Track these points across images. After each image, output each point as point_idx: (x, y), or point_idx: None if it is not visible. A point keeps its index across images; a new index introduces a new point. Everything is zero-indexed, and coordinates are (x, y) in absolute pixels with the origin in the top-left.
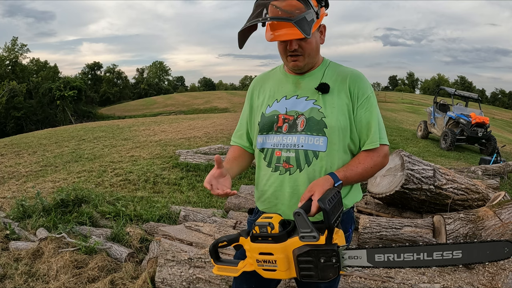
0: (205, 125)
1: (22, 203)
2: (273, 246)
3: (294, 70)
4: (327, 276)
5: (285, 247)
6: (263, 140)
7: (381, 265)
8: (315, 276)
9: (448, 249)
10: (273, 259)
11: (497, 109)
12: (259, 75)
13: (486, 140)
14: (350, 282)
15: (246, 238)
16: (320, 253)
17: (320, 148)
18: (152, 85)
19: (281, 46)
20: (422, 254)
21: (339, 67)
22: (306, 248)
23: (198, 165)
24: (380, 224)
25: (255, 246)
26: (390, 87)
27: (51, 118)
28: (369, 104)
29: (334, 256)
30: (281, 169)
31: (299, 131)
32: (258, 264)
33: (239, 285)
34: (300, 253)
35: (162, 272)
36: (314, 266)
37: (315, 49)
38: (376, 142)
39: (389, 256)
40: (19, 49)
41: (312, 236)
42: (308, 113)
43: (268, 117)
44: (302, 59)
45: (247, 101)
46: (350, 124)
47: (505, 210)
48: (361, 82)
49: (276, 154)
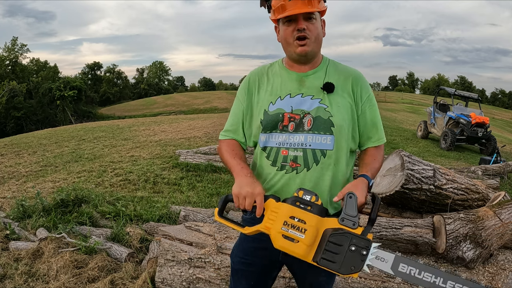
0: (205, 125)
1: (22, 203)
2: (310, 215)
3: (301, 58)
4: (347, 269)
5: (321, 222)
6: (266, 138)
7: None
8: (335, 264)
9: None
10: (304, 227)
11: (497, 109)
12: (255, 69)
13: (486, 140)
14: (350, 282)
15: (277, 202)
16: (354, 240)
17: (328, 147)
18: (152, 85)
19: (289, 30)
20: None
21: (340, 66)
22: (342, 230)
23: (198, 165)
24: (380, 224)
25: (290, 208)
26: (390, 87)
27: (51, 118)
28: (372, 103)
29: (366, 248)
30: (288, 168)
31: (306, 130)
32: (283, 227)
33: (238, 281)
34: (334, 233)
35: (162, 272)
36: (341, 253)
37: (320, 37)
38: (383, 138)
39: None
40: (19, 49)
41: (353, 222)
42: (314, 112)
43: (272, 115)
44: (309, 43)
45: (244, 95)
46: (353, 122)
47: (505, 210)
48: (363, 82)
49: (282, 153)
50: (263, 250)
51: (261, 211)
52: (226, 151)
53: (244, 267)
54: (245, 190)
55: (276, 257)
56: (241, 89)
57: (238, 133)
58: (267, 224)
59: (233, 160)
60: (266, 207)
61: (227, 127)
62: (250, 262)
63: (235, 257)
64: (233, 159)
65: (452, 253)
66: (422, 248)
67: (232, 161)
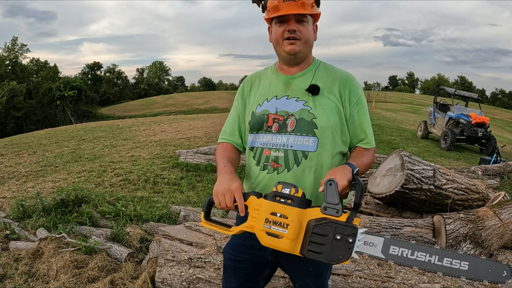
0: (205, 125)
1: (22, 203)
2: (291, 209)
3: (290, 58)
4: (335, 257)
5: (303, 214)
6: (253, 139)
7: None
8: (322, 255)
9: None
10: (286, 222)
11: (497, 109)
12: (251, 74)
13: (486, 140)
14: (350, 282)
15: (258, 198)
16: (338, 229)
17: (310, 149)
18: (152, 85)
19: (280, 30)
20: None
21: (330, 68)
22: (325, 220)
23: (198, 165)
24: (380, 224)
25: (270, 205)
26: (390, 87)
27: (51, 118)
28: (361, 106)
29: (352, 235)
30: (269, 168)
31: (289, 131)
32: (265, 225)
33: (228, 278)
34: (317, 224)
35: (162, 272)
36: (327, 243)
37: (310, 40)
38: (372, 143)
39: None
40: (19, 49)
41: (336, 209)
42: (298, 114)
43: (258, 116)
44: (299, 43)
45: (239, 98)
46: (342, 125)
47: (505, 210)
48: (352, 85)
49: (265, 153)
50: (252, 248)
51: (243, 207)
52: (219, 153)
53: (234, 263)
54: (222, 187)
55: (265, 255)
56: (237, 93)
57: (234, 135)
58: (251, 223)
59: (220, 161)
60: (248, 204)
61: (224, 130)
62: (239, 259)
63: (226, 254)
64: (220, 159)
65: None
66: None
67: (219, 162)
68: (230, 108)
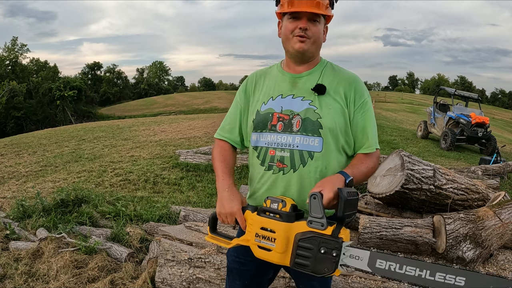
0: (205, 125)
1: (22, 203)
2: (278, 223)
3: (298, 55)
4: (321, 270)
5: (290, 228)
6: (257, 138)
7: (380, 273)
8: (309, 267)
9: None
10: (273, 237)
11: (497, 109)
12: (255, 71)
13: (486, 140)
14: (350, 282)
15: (253, 213)
16: (322, 242)
17: (316, 149)
18: (152, 85)
19: (291, 26)
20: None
21: (337, 69)
22: (310, 234)
23: (198, 165)
24: (380, 224)
25: (259, 220)
26: (390, 87)
27: (51, 118)
28: (366, 108)
29: (336, 249)
30: (275, 168)
31: (295, 131)
32: (256, 239)
33: (232, 281)
34: (303, 238)
35: (162, 272)
36: (312, 256)
37: (320, 40)
38: (373, 147)
39: (391, 265)
40: (19, 49)
41: (321, 223)
42: (303, 114)
43: (263, 114)
44: (308, 42)
45: (242, 95)
46: (346, 126)
47: (505, 210)
48: (358, 87)
49: (270, 153)
50: None
51: (244, 225)
52: (217, 156)
53: (238, 266)
54: (224, 210)
55: None
56: (239, 90)
57: (233, 132)
58: (247, 237)
59: (218, 166)
60: (245, 218)
61: (223, 125)
62: (243, 262)
63: (230, 256)
64: (219, 164)
65: (452, 253)
66: (422, 248)
67: (217, 168)
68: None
